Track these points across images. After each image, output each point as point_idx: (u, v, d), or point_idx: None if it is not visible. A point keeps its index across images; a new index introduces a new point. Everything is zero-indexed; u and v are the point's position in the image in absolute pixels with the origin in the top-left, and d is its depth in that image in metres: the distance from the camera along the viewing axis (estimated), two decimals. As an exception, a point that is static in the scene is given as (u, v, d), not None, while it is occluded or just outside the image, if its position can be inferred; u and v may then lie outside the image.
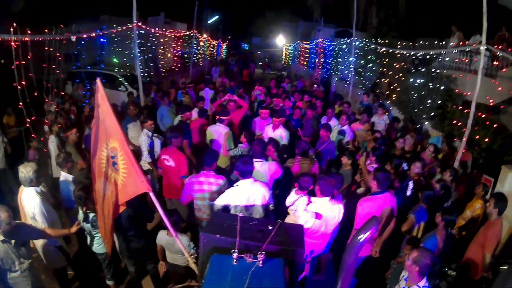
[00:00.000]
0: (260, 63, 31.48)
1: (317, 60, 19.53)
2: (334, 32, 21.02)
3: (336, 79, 15.69)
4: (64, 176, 4.48)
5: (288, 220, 3.75)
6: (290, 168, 5.14)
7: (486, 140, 6.88)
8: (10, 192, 5.57)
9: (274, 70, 28.26)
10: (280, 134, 6.29)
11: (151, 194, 3.01)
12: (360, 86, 12.98)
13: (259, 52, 37.29)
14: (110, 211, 3.53)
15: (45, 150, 6.01)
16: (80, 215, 3.89)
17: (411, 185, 5.08)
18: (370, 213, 3.83)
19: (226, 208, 3.75)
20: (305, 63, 22.90)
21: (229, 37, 40.47)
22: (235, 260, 2.19)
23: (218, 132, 6.00)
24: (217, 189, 4.10)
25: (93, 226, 3.87)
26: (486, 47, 5.69)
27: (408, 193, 5.05)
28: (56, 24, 6.76)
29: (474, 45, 8.30)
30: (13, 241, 3.20)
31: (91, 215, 3.85)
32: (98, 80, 3.22)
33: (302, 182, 3.87)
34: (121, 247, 4.07)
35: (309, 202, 3.74)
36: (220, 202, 3.77)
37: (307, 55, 22.51)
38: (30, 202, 3.75)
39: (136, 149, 6.34)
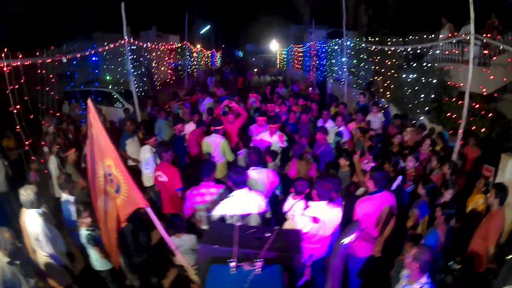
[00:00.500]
0: (255, 70, 31.47)
1: (311, 63, 19.57)
2: (326, 33, 21.05)
3: (331, 80, 15.70)
4: (65, 197, 4.52)
5: (287, 225, 3.74)
6: (287, 173, 5.15)
7: (483, 130, 6.88)
8: (13, 214, 5.59)
9: (270, 76, 28.25)
10: (278, 139, 6.30)
11: (148, 210, 3.03)
12: (355, 86, 12.98)
13: (253, 59, 37.27)
14: (113, 226, 3.57)
15: (45, 171, 6.05)
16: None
17: (399, 178, 5.02)
18: (369, 213, 3.81)
19: (222, 219, 3.75)
20: (299, 66, 22.91)
21: (223, 45, 40.58)
22: (233, 269, 2.21)
23: (215, 142, 6.02)
24: (218, 198, 4.11)
25: (89, 243, 3.88)
26: (475, 36, 5.72)
27: (394, 186, 4.92)
28: (47, 45, 6.83)
29: (463, 35, 8.33)
30: (18, 262, 3.22)
31: (86, 232, 3.86)
32: (89, 101, 3.26)
33: (298, 186, 3.87)
34: (124, 262, 4.08)
35: (307, 206, 3.74)
36: (216, 213, 3.77)
37: (300, 58, 22.52)
38: (33, 224, 3.78)
39: (138, 164, 6.39)
